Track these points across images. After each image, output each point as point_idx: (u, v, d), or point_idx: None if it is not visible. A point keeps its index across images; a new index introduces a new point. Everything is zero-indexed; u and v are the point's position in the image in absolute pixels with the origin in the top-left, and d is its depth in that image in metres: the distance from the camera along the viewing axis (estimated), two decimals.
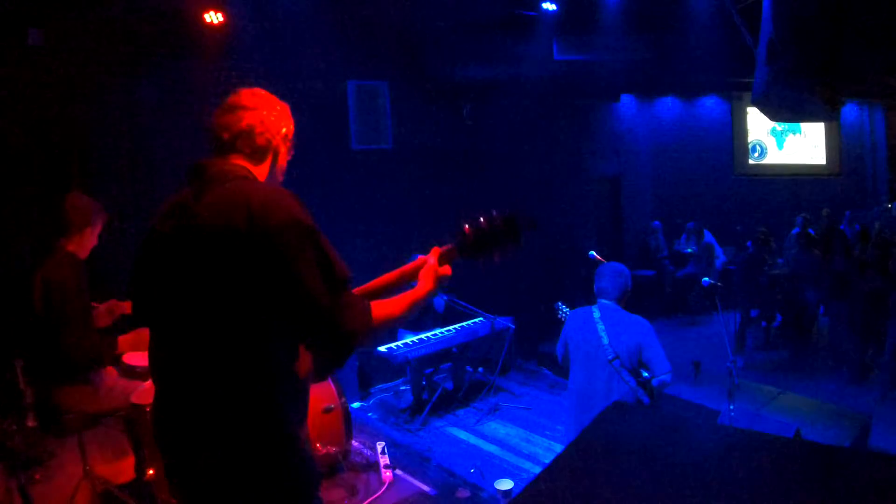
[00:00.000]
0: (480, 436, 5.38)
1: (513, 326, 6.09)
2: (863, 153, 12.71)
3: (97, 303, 3.42)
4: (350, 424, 4.10)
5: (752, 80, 6.53)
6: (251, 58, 5.94)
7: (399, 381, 6.54)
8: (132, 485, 3.57)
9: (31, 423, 3.97)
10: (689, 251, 9.64)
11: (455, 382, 6.15)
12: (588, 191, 9.50)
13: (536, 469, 4.64)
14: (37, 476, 3.84)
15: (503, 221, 1.68)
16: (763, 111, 6.71)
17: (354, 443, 4.30)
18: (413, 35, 7.07)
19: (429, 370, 6.01)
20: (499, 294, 6.61)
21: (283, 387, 1.56)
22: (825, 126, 12.04)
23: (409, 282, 1.79)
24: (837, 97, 5.48)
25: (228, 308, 1.49)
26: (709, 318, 8.55)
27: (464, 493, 3.92)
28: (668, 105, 10.88)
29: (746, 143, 11.76)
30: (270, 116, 1.70)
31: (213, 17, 5.79)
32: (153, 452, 3.26)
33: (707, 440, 1.80)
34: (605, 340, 3.40)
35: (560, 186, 8.74)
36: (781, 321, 7.80)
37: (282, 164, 1.77)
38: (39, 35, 5.13)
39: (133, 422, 3.38)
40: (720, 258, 9.32)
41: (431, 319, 6.18)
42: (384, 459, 4.07)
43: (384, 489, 3.89)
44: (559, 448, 4.35)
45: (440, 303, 6.13)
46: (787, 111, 6.25)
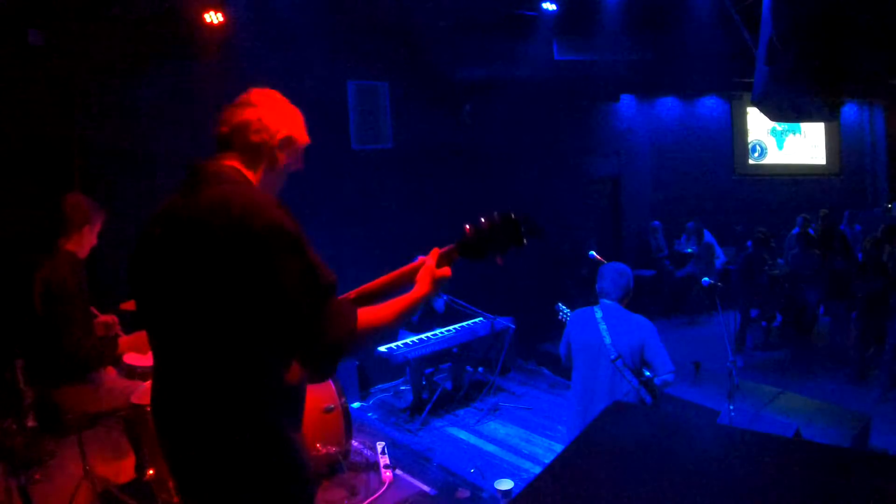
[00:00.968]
0: (480, 436, 5.38)
1: (513, 326, 6.09)
2: (863, 153, 12.71)
3: (97, 311, 3.42)
4: (350, 424, 4.10)
5: (752, 80, 6.52)
6: (251, 58, 5.93)
7: (399, 381, 6.54)
8: (132, 485, 3.57)
9: (31, 423, 3.97)
10: (689, 251, 9.64)
11: (455, 382, 6.15)
12: (588, 191, 9.50)
13: (536, 469, 4.64)
14: (37, 476, 3.84)
15: (504, 222, 1.66)
16: (763, 111, 6.70)
17: (354, 443, 4.30)
18: (413, 35, 7.06)
19: (429, 370, 6.02)
20: (499, 294, 6.60)
21: (272, 390, 1.54)
22: (825, 126, 12.04)
23: (409, 283, 1.75)
24: (837, 97, 5.48)
25: (212, 312, 1.48)
26: (709, 318, 8.55)
27: (464, 493, 3.92)
28: (668, 105, 10.88)
29: (746, 143, 11.76)
30: (271, 116, 1.68)
31: (213, 17, 5.78)
32: (153, 452, 3.26)
33: (707, 440, 1.80)
34: (608, 340, 3.40)
35: (560, 186, 8.74)
36: (781, 321, 7.80)
37: (280, 170, 1.72)
38: (39, 35, 5.13)
39: (133, 422, 3.39)
40: (720, 258, 9.32)
41: (431, 319, 6.18)
42: (384, 459, 4.07)
43: (384, 489, 3.89)
44: (559, 448, 4.35)
45: (440, 303, 6.13)
46: (787, 111, 6.24)
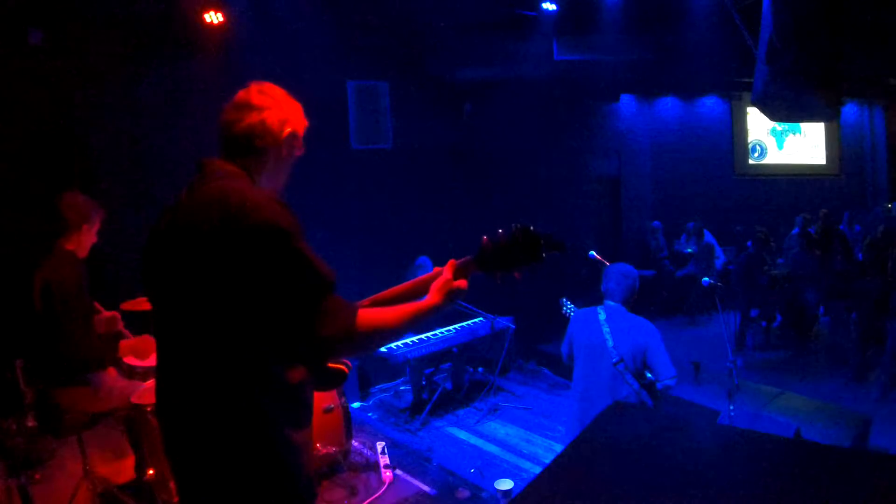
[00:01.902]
0: (480, 436, 5.38)
1: (513, 326, 6.09)
2: (863, 153, 12.71)
3: (101, 306, 3.42)
4: (350, 424, 4.10)
5: (752, 80, 6.52)
6: (251, 58, 5.93)
7: (399, 381, 6.54)
8: (132, 485, 3.57)
9: (31, 423, 3.96)
10: (689, 251, 9.64)
11: (455, 382, 6.15)
12: (588, 191, 9.50)
13: (536, 469, 4.64)
14: (37, 476, 3.84)
15: (524, 237, 1.60)
16: (763, 111, 6.71)
17: (354, 443, 4.31)
18: (413, 35, 7.06)
19: (429, 370, 6.01)
20: (499, 294, 6.59)
21: (272, 388, 1.52)
22: (825, 126, 12.04)
23: (425, 293, 1.72)
24: (837, 97, 5.48)
25: (211, 308, 1.48)
26: (709, 318, 8.55)
27: (464, 493, 3.92)
28: (668, 105, 10.88)
29: (746, 143, 11.76)
30: (273, 117, 1.67)
31: (213, 17, 5.79)
32: (153, 452, 3.26)
33: (707, 440, 1.80)
34: (610, 343, 3.38)
35: (560, 186, 8.74)
36: (781, 321, 7.80)
37: (285, 164, 1.72)
38: (39, 35, 5.13)
39: (133, 422, 3.39)
40: (720, 258, 9.32)
41: (432, 319, 6.17)
42: (384, 459, 4.07)
43: (384, 489, 3.89)
44: (559, 448, 4.35)
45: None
46: (787, 111, 6.24)
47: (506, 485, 3.66)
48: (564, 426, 4.62)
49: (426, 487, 3.97)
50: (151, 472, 3.28)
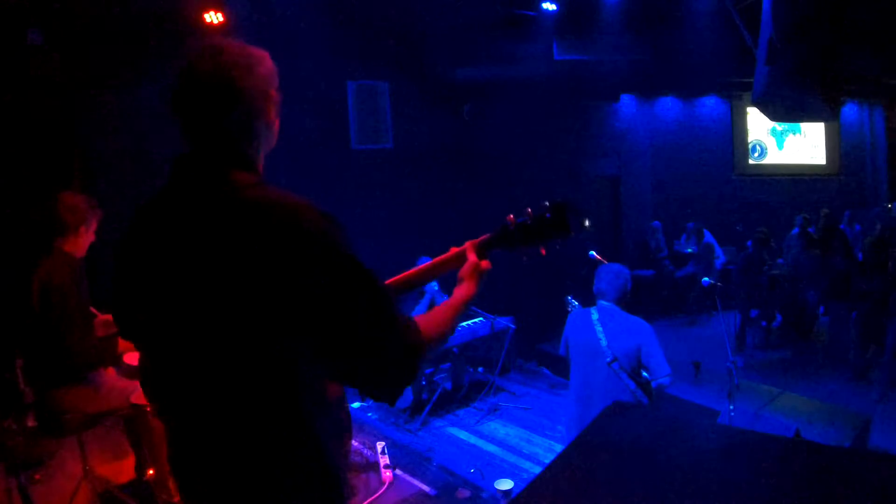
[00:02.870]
0: (480, 436, 5.38)
1: (513, 326, 6.09)
2: (863, 153, 12.69)
3: (97, 311, 3.42)
4: (350, 424, 4.10)
5: (752, 80, 6.53)
6: None
7: None
8: (132, 485, 3.57)
9: (31, 423, 3.96)
10: (689, 251, 9.64)
11: (455, 382, 6.15)
12: (588, 191, 9.49)
13: (536, 469, 4.64)
14: (37, 476, 3.84)
15: (553, 211, 1.54)
16: (763, 111, 6.72)
17: (354, 443, 4.30)
18: (413, 35, 7.06)
19: (429, 370, 6.01)
20: (499, 294, 6.60)
21: (323, 414, 1.32)
22: (825, 126, 12.04)
23: (436, 277, 1.66)
24: (837, 97, 5.48)
25: (245, 331, 1.23)
26: (709, 318, 8.55)
27: (464, 493, 3.92)
28: (668, 105, 10.87)
29: (746, 143, 11.76)
30: (258, 76, 1.44)
31: (213, 17, 5.79)
32: (153, 452, 3.26)
33: (707, 440, 1.80)
34: (604, 343, 3.39)
35: (560, 186, 8.73)
36: (781, 321, 7.80)
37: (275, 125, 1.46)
38: (39, 35, 5.12)
39: (133, 422, 3.39)
40: (720, 258, 9.32)
41: None
42: (384, 459, 4.07)
43: (384, 489, 3.89)
44: (559, 448, 4.35)
45: (441, 302, 6.13)
46: (787, 111, 6.25)
47: (506, 485, 3.66)
48: (564, 426, 4.63)
49: (426, 487, 3.97)
50: (151, 472, 3.28)
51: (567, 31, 8.06)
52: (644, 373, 3.43)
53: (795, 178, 11.91)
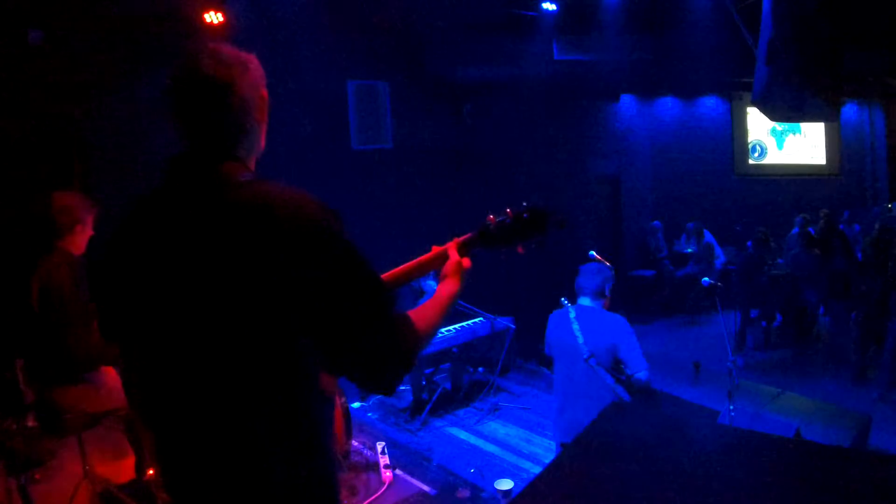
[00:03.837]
0: (480, 436, 5.38)
1: (513, 326, 6.09)
2: (863, 153, 12.69)
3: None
4: (350, 424, 4.10)
5: (752, 80, 6.52)
6: None
7: None
8: (132, 485, 3.57)
9: (31, 423, 3.96)
10: (689, 251, 9.64)
11: (455, 382, 6.15)
12: (588, 191, 9.49)
13: (536, 469, 4.64)
14: (37, 476, 3.84)
15: (530, 213, 1.61)
16: (763, 111, 6.71)
17: (354, 443, 4.31)
18: (413, 35, 7.06)
19: (429, 370, 6.01)
20: (499, 294, 6.60)
21: (318, 408, 1.32)
22: (825, 126, 12.03)
23: (420, 276, 1.70)
24: (837, 97, 5.48)
25: (242, 326, 1.23)
26: (709, 318, 8.54)
27: (464, 493, 3.92)
28: (668, 105, 10.87)
29: (746, 143, 11.76)
30: (247, 76, 1.47)
31: (213, 17, 5.78)
32: (153, 452, 3.26)
33: (707, 440, 1.80)
34: (581, 340, 3.45)
35: (560, 186, 8.73)
36: (781, 321, 7.79)
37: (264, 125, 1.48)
38: (39, 35, 5.12)
39: (133, 422, 3.39)
40: (720, 258, 9.32)
41: None
42: (384, 459, 4.07)
43: (384, 489, 3.89)
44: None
45: None
46: (787, 111, 6.24)
47: (506, 485, 3.67)
48: (551, 424, 4.65)
49: (426, 487, 3.97)
50: (151, 472, 3.28)
51: (567, 31, 8.06)
52: (626, 369, 3.47)
53: (795, 178, 11.91)
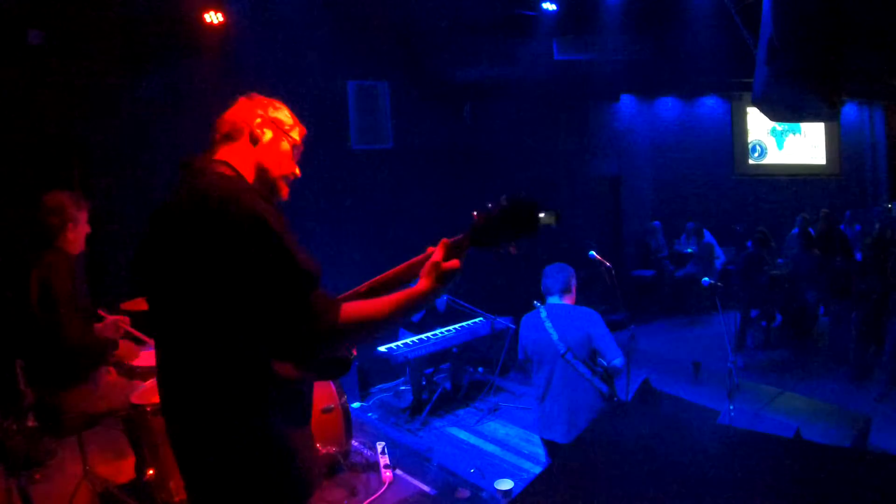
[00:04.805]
0: (480, 436, 5.38)
1: (513, 326, 6.09)
2: (863, 153, 12.70)
3: (105, 312, 3.42)
4: (350, 424, 4.10)
5: (752, 80, 6.52)
6: (251, 58, 5.93)
7: (399, 381, 6.54)
8: (132, 485, 3.57)
9: (31, 423, 3.96)
10: (689, 251, 9.63)
11: (455, 382, 6.15)
12: (588, 191, 9.49)
13: (536, 469, 4.64)
14: (37, 476, 3.84)
15: (514, 205, 1.53)
16: (763, 111, 6.70)
17: (354, 443, 4.30)
18: (413, 35, 7.06)
19: (429, 370, 6.01)
20: (499, 294, 6.60)
21: (268, 386, 1.52)
22: (825, 126, 12.04)
23: (414, 277, 1.66)
24: (837, 97, 5.47)
25: (199, 306, 1.49)
26: (709, 318, 8.53)
27: (464, 493, 3.92)
28: (668, 105, 10.87)
29: (746, 143, 11.76)
30: (247, 109, 1.73)
31: (213, 17, 5.78)
32: (153, 452, 3.26)
33: (707, 440, 1.80)
34: (555, 336, 3.49)
35: (560, 186, 8.74)
36: (781, 321, 7.79)
37: (273, 156, 1.73)
38: (39, 35, 5.12)
39: (133, 422, 3.38)
40: (720, 258, 9.32)
41: (432, 319, 6.18)
42: (384, 459, 4.07)
43: (384, 489, 3.89)
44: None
45: (441, 302, 6.13)
46: (787, 111, 6.23)
47: (506, 485, 3.67)
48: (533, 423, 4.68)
49: (426, 487, 3.96)
50: (151, 472, 3.27)
51: (567, 31, 8.06)
52: (601, 361, 3.50)
53: (795, 178, 11.91)
